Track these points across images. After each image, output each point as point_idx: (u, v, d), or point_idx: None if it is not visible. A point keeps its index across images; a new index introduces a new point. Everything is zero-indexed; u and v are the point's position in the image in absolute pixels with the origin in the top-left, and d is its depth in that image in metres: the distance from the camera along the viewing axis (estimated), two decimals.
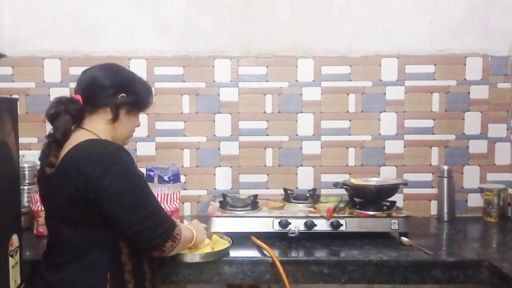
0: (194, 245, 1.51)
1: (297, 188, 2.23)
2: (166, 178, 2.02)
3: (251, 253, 1.64)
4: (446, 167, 2.16)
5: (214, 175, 2.24)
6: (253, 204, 1.91)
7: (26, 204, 1.96)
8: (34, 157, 2.08)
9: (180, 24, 2.21)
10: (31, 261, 1.51)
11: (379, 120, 2.23)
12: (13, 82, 2.19)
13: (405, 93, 2.23)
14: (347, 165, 2.25)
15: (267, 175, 2.25)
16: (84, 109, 1.38)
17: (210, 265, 1.57)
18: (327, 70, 2.22)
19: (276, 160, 2.24)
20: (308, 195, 2.07)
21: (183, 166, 2.22)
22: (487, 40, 2.22)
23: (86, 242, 1.30)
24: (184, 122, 2.22)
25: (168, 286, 1.69)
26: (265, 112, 2.23)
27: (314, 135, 2.24)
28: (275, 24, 2.21)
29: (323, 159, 2.24)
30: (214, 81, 2.22)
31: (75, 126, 1.38)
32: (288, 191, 2.11)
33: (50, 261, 1.37)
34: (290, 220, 1.77)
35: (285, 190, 2.12)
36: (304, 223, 1.77)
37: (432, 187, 2.24)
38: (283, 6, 2.21)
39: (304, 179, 2.24)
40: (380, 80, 2.22)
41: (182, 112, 2.22)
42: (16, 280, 1.34)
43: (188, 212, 2.24)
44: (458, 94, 2.22)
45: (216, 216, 1.81)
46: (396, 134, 2.24)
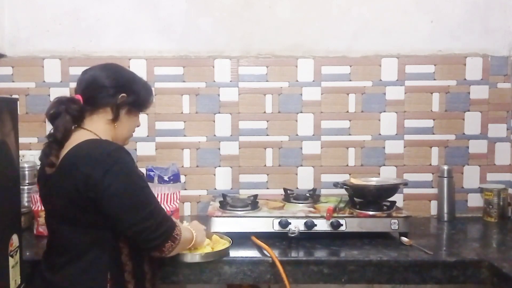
0: (194, 246, 1.51)
1: (297, 188, 2.23)
2: (166, 178, 2.02)
3: (251, 253, 1.64)
4: (446, 167, 2.16)
5: (214, 175, 2.24)
6: (253, 204, 1.91)
7: (26, 204, 1.96)
8: (34, 157, 2.07)
9: (180, 24, 2.20)
10: (31, 261, 1.51)
11: (379, 120, 2.23)
12: (13, 82, 2.19)
13: (405, 93, 2.23)
14: (347, 165, 2.25)
15: (267, 175, 2.25)
16: (84, 109, 1.38)
17: (210, 265, 1.57)
18: (327, 70, 2.22)
19: (276, 160, 2.24)
20: (308, 195, 2.07)
21: (183, 166, 2.22)
22: (487, 40, 2.22)
23: (86, 242, 1.30)
24: (184, 122, 2.22)
25: (168, 286, 1.68)
26: (265, 112, 2.23)
27: (314, 135, 2.24)
28: (275, 24, 2.21)
29: (323, 159, 2.24)
30: (214, 81, 2.22)
31: (75, 126, 1.38)
32: (288, 191, 2.11)
33: (50, 261, 1.37)
34: (290, 220, 1.77)
35: (285, 190, 2.12)
36: (304, 223, 1.77)
37: (432, 187, 2.24)
38: (283, 6, 2.21)
39: (304, 179, 2.24)
40: (380, 80, 2.22)
41: (182, 112, 2.22)
42: (16, 280, 1.34)
43: (188, 212, 2.24)
44: (458, 94, 2.22)
45: (216, 216, 1.81)
46: (396, 134, 2.24)
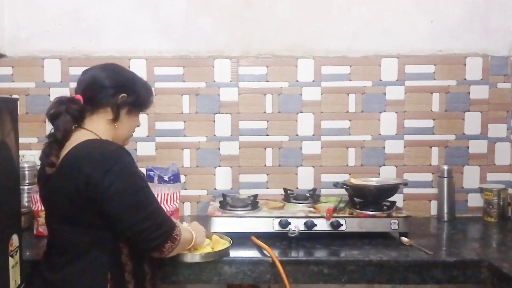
0: (194, 246, 1.51)
1: (297, 188, 2.23)
2: (166, 178, 2.02)
3: (251, 253, 1.64)
4: (446, 167, 2.16)
5: (214, 175, 2.24)
6: (253, 204, 1.91)
7: (26, 204, 1.95)
8: (34, 157, 2.07)
9: (180, 24, 2.20)
10: (31, 261, 1.51)
11: (379, 120, 2.23)
12: (13, 82, 2.19)
13: (405, 93, 2.23)
14: (347, 165, 2.25)
15: (267, 175, 2.25)
16: (84, 109, 1.38)
17: (210, 265, 1.57)
18: (327, 70, 2.22)
19: (276, 160, 2.24)
20: (308, 195, 2.07)
21: (183, 166, 2.22)
22: (487, 40, 2.22)
23: (86, 242, 1.30)
24: (184, 122, 2.22)
25: (168, 286, 1.68)
26: (265, 112, 2.23)
27: (314, 135, 2.24)
28: (275, 24, 2.21)
29: (323, 159, 2.24)
30: (214, 81, 2.21)
31: (75, 126, 1.38)
32: (288, 191, 2.11)
33: (50, 261, 1.37)
34: (290, 220, 1.77)
35: (285, 190, 2.12)
36: (304, 223, 1.77)
37: (432, 187, 2.24)
38: (283, 6, 2.21)
39: (304, 179, 2.24)
40: (380, 80, 2.22)
41: (182, 112, 2.22)
42: (16, 280, 1.34)
43: (188, 212, 2.24)
44: (458, 94, 2.22)
45: (216, 216, 1.81)
46: (396, 134, 2.24)
